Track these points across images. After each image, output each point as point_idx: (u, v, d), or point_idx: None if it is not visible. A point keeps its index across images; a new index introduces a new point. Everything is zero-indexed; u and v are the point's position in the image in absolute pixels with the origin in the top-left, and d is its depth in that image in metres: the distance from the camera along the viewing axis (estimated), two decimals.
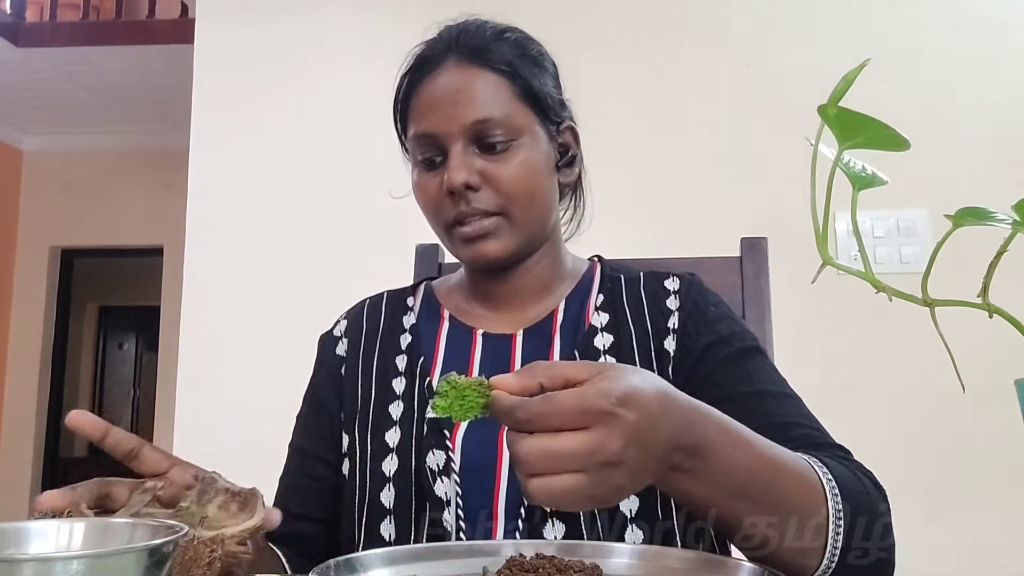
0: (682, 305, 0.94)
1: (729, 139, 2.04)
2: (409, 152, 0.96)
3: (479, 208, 0.89)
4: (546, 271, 0.98)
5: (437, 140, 0.89)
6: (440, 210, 0.91)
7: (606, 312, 0.95)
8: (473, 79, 0.90)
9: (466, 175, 0.87)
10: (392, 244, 1.50)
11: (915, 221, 1.92)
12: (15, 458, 5.27)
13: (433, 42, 0.95)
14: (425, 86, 0.92)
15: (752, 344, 0.91)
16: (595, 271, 1.01)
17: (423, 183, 0.92)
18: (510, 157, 0.89)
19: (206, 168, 2.22)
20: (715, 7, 2.11)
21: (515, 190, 0.89)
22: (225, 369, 2.10)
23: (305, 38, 2.23)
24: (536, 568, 0.58)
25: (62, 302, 5.60)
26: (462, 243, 0.91)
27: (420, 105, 0.92)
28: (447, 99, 0.89)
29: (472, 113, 0.88)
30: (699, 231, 1.93)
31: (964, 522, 1.76)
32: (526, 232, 0.92)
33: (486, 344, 0.94)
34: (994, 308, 0.46)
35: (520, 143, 0.90)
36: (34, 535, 0.54)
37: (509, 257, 0.92)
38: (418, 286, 1.05)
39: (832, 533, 0.63)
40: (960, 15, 2.03)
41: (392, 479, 0.87)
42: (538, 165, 0.92)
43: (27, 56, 4.38)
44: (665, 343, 0.91)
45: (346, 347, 1.00)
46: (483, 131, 0.89)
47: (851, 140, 0.49)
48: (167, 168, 4.17)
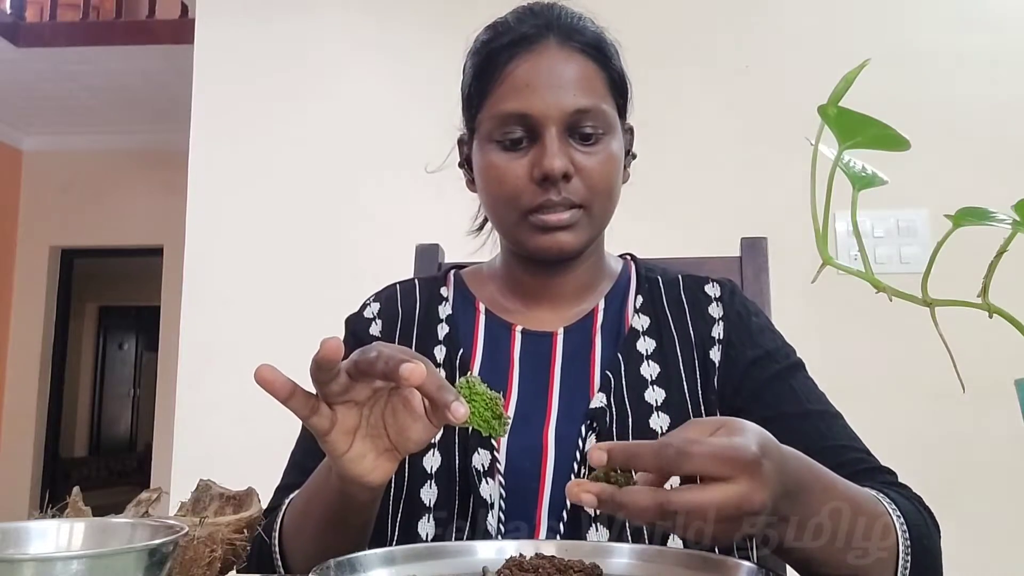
0: (726, 314, 0.92)
1: (729, 139, 2.04)
2: (480, 130, 0.90)
3: (568, 199, 0.85)
4: (590, 269, 0.96)
5: (531, 121, 0.85)
6: (522, 195, 0.86)
7: (646, 315, 0.93)
8: (575, 63, 0.87)
9: (566, 162, 0.84)
10: (392, 244, 1.50)
11: (915, 221, 1.92)
12: (15, 458, 5.27)
13: (528, 18, 0.90)
14: (523, 63, 0.86)
15: (796, 360, 0.91)
16: (631, 270, 1.00)
17: (504, 164, 0.87)
18: (600, 150, 0.87)
19: (206, 168, 2.21)
20: (715, 7, 2.11)
21: (600, 184, 0.87)
22: (225, 369, 2.10)
23: (305, 38, 2.23)
24: (536, 568, 0.58)
25: (62, 302, 5.60)
26: (538, 232, 0.87)
27: (515, 82, 0.86)
28: (549, 81, 0.86)
29: (575, 100, 0.85)
30: (699, 231, 1.93)
31: (963, 522, 1.76)
32: (598, 229, 0.91)
33: (525, 341, 0.92)
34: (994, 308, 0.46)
35: (608, 137, 0.88)
36: (34, 535, 0.54)
37: (578, 252, 0.90)
38: (447, 275, 1.02)
39: (902, 571, 0.65)
40: (960, 15, 2.02)
41: (434, 476, 0.84)
42: (619, 161, 0.90)
43: (27, 56, 4.39)
44: (711, 353, 0.90)
45: (380, 328, 0.96)
46: (581, 120, 0.86)
47: (851, 140, 0.49)
48: (167, 168, 4.17)
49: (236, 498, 0.66)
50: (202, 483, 0.66)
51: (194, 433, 2.08)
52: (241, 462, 1.02)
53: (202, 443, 2.04)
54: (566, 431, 0.85)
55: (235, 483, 0.72)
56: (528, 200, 0.86)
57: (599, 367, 0.90)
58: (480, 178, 0.91)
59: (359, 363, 0.62)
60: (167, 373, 4.78)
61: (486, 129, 0.88)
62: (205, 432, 2.07)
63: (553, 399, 0.88)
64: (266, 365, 0.62)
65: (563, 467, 0.84)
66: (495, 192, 0.88)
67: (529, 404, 0.88)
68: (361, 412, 0.66)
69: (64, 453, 6.58)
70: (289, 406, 0.63)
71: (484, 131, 0.89)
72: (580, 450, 0.84)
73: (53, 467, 5.61)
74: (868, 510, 0.65)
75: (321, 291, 2.05)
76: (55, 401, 5.57)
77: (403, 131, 2.10)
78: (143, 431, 8.97)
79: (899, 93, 1.86)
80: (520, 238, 0.89)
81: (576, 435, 0.85)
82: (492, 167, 0.88)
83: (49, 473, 5.50)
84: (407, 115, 2.11)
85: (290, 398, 0.62)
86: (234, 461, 1.29)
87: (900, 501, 0.70)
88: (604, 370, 0.89)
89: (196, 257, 2.17)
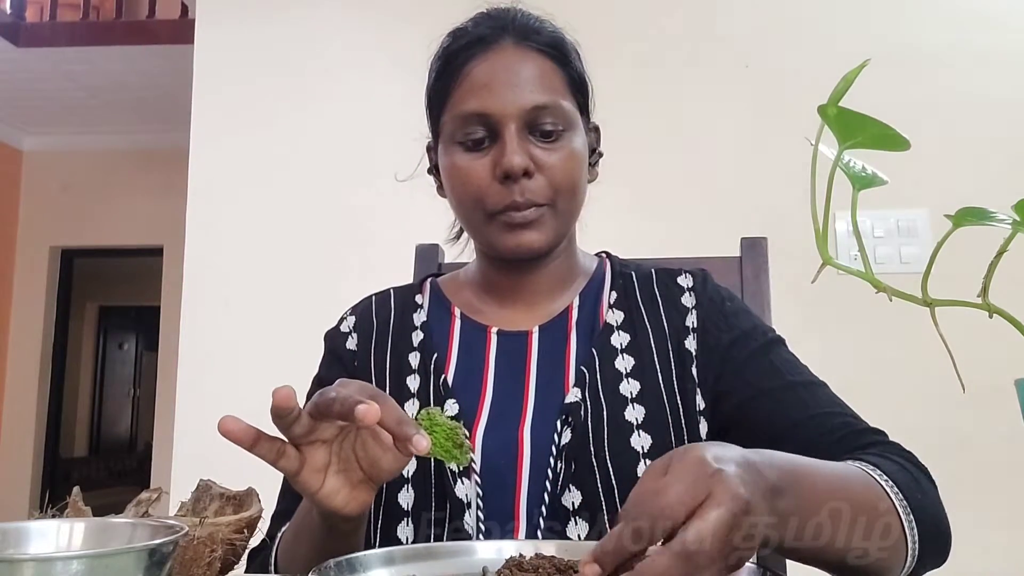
0: (699, 302, 0.93)
1: (729, 139, 2.04)
2: (443, 133, 0.92)
3: (531, 198, 0.86)
4: (563, 267, 0.97)
5: (490, 121, 0.86)
6: (486, 195, 0.87)
7: (620, 310, 0.94)
8: (532, 62, 0.89)
9: (525, 159, 0.85)
10: (392, 244, 1.50)
11: (915, 221, 1.92)
12: (15, 458, 5.27)
13: (484, 21, 0.92)
14: (480, 63, 0.88)
15: (774, 336, 0.92)
16: (606, 267, 1.01)
17: (466, 165, 0.88)
18: (562, 147, 0.88)
19: (206, 168, 2.21)
20: (715, 7, 2.11)
21: (564, 181, 0.87)
22: (225, 369, 2.10)
23: (305, 38, 2.23)
24: (536, 568, 0.58)
25: (62, 302, 5.60)
26: (505, 231, 0.88)
27: (473, 82, 0.88)
28: (506, 79, 0.87)
29: (533, 97, 0.86)
30: (699, 231, 1.93)
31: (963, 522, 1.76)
32: (565, 225, 0.91)
33: (501, 342, 0.93)
34: (994, 308, 0.46)
35: (570, 134, 0.89)
36: (34, 535, 0.54)
37: (546, 249, 0.90)
38: (423, 283, 1.03)
39: (908, 531, 0.65)
40: (960, 15, 2.02)
41: (411, 480, 0.85)
42: (582, 158, 0.91)
43: (27, 56, 4.39)
44: (686, 342, 0.91)
45: (356, 342, 0.98)
46: (540, 117, 0.87)
47: (851, 140, 0.49)
48: (167, 168, 4.17)
49: (236, 498, 0.66)
50: (202, 483, 0.67)
51: (194, 433, 2.08)
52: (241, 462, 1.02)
53: (202, 443, 2.02)
54: (541, 427, 0.86)
55: (235, 483, 0.72)
56: (494, 201, 0.87)
57: (574, 363, 0.90)
58: (446, 181, 0.92)
59: (318, 405, 0.64)
60: (167, 373, 4.78)
61: (448, 131, 0.90)
62: (205, 432, 2.05)
63: (529, 397, 0.89)
64: (228, 417, 0.64)
65: (539, 463, 0.84)
66: (460, 194, 0.89)
67: (504, 403, 0.89)
68: (330, 449, 0.68)
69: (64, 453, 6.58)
70: (255, 453, 0.64)
71: (447, 133, 0.90)
72: (556, 444, 0.85)
73: (53, 467, 5.62)
74: (856, 481, 0.65)
75: (321, 291, 2.04)
76: (55, 401, 5.57)
77: (403, 131, 2.10)
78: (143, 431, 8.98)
79: (899, 93, 1.86)
80: (489, 239, 0.90)
81: (552, 431, 0.85)
82: (456, 168, 0.89)
83: (49, 473, 5.50)
84: (407, 115, 2.11)
85: (255, 445, 0.64)
86: (234, 461, 1.28)
87: (886, 466, 0.70)
88: (579, 366, 0.89)
89: (196, 257, 2.17)
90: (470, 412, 0.88)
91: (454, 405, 0.88)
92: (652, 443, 0.85)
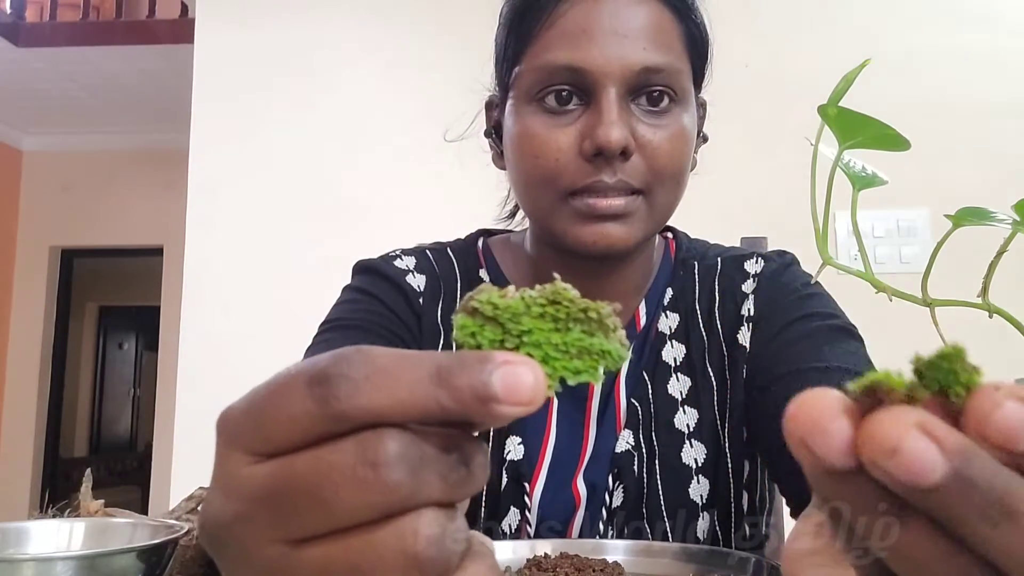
0: (759, 286, 0.78)
1: (729, 139, 2.03)
2: (517, 87, 0.71)
3: (624, 181, 0.68)
4: (640, 271, 0.80)
5: (585, 79, 0.67)
6: (564, 172, 0.68)
7: (675, 312, 0.80)
8: (646, 9, 0.69)
9: (626, 134, 0.66)
10: (392, 245, 1.50)
11: (915, 221, 1.92)
12: (15, 458, 5.27)
13: None
14: (579, 2, 0.68)
15: (843, 324, 0.75)
16: (671, 253, 0.84)
17: (544, 132, 0.68)
18: (670, 123, 0.70)
19: (206, 168, 2.21)
20: (715, 7, 2.11)
21: (668, 166, 0.69)
22: (225, 369, 2.10)
23: (305, 39, 2.23)
24: (555, 567, 0.58)
25: (62, 302, 5.60)
26: (581, 220, 0.69)
27: (567, 26, 0.68)
28: (611, 27, 0.67)
29: (644, 56, 0.67)
30: (699, 231, 1.93)
31: None
32: (658, 222, 0.73)
33: None
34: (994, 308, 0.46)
35: (680, 108, 0.71)
36: (34, 535, 0.54)
37: (631, 249, 0.72)
38: (479, 254, 0.85)
39: None
40: (960, 15, 2.02)
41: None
42: (691, 140, 0.73)
43: (27, 56, 4.38)
44: (739, 337, 0.76)
45: (422, 285, 0.80)
46: (650, 81, 0.68)
47: (851, 140, 0.49)
48: (167, 168, 4.17)
49: None
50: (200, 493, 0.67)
51: (194, 433, 2.08)
52: None
53: (202, 443, 2.03)
54: (595, 474, 0.75)
55: None
56: (572, 179, 0.68)
57: (624, 392, 0.77)
58: (512, 149, 0.72)
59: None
60: (167, 373, 4.77)
61: (525, 85, 0.70)
62: (205, 432, 2.06)
63: (589, 436, 0.76)
64: None
65: (591, 523, 0.74)
66: (530, 167, 0.70)
67: (566, 441, 0.76)
68: None
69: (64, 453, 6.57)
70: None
71: (522, 88, 0.70)
72: (607, 507, 0.73)
73: (53, 467, 5.61)
74: None
75: (321, 291, 2.04)
76: (55, 401, 5.57)
77: (404, 132, 2.10)
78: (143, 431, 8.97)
79: (899, 93, 1.86)
80: (557, 227, 0.70)
81: (604, 485, 0.74)
82: (528, 135, 0.69)
83: (49, 473, 5.50)
84: (408, 116, 2.11)
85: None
86: None
87: None
88: (629, 398, 0.76)
89: (196, 257, 2.17)
90: (533, 454, 0.75)
91: (519, 447, 0.74)
92: (710, 491, 0.74)
